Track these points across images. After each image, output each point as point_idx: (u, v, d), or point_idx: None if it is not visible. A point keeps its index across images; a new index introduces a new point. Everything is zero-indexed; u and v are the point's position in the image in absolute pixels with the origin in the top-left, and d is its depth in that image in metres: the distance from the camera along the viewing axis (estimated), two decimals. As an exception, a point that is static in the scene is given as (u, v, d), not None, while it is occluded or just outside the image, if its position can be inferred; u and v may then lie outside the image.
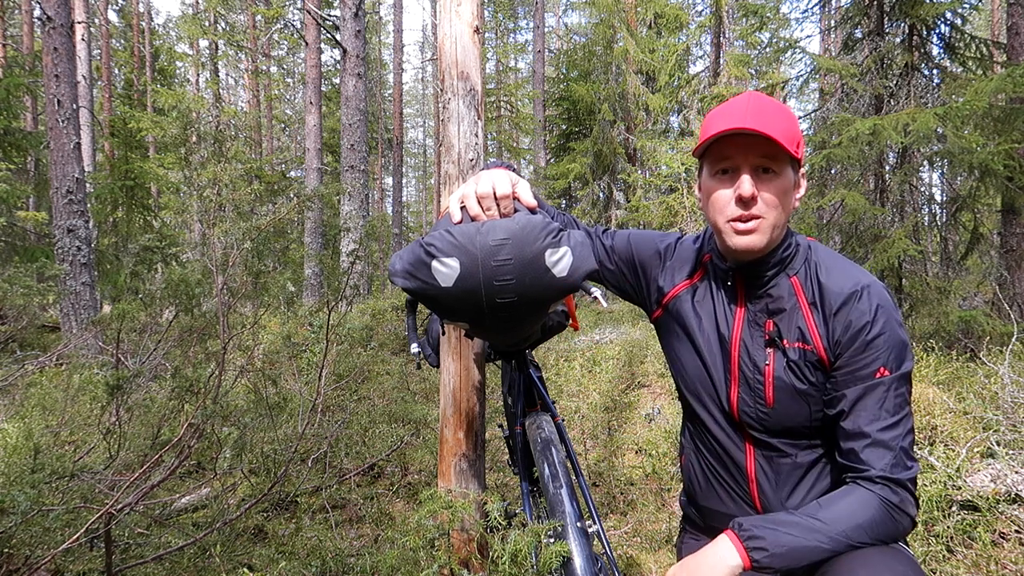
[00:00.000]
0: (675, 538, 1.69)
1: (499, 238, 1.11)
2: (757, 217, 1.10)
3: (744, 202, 1.09)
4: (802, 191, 1.18)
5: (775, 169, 1.10)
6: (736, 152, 1.10)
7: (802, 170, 1.17)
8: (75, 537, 1.77)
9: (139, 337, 4.08)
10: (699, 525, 1.35)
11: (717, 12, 10.12)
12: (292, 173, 17.20)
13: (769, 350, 1.15)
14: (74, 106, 6.77)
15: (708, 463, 1.27)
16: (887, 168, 5.91)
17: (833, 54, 9.55)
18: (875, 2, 6.02)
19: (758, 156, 1.09)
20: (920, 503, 1.05)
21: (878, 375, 1.06)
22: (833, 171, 6.02)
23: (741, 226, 1.11)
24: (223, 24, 20.51)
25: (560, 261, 1.15)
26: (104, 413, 2.86)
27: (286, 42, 22.91)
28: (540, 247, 1.13)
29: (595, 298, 1.21)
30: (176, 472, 2.38)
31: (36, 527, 1.83)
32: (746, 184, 1.08)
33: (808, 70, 6.87)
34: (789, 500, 1.16)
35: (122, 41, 21.67)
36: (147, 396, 3.13)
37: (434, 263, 1.11)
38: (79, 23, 12.07)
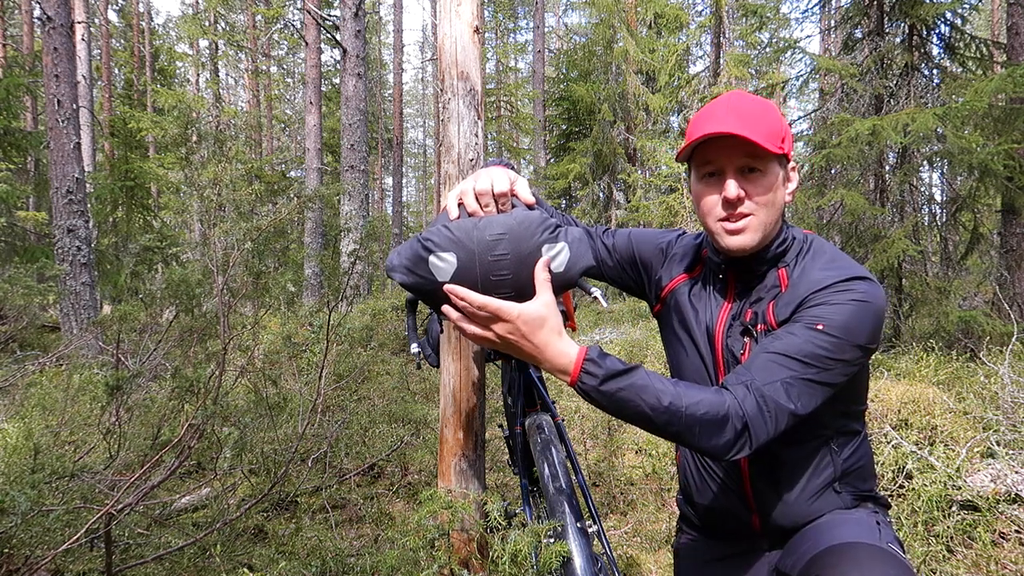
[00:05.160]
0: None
1: (496, 233, 1.11)
2: (746, 216, 1.11)
3: (731, 203, 1.11)
4: (793, 185, 1.17)
5: (760, 168, 1.10)
6: (719, 155, 1.11)
7: (792, 164, 1.16)
8: (75, 537, 1.77)
9: (139, 337, 4.08)
10: (695, 524, 1.35)
11: (717, 12, 10.12)
12: (292, 173, 17.20)
13: (746, 339, 1.15)
14: (74, 106, 6.76)
15: (702, 460, 1.27)
16: (887, 168, 5.91)
17: (833, 54, 9.54)
18: (875, 2, 6.02)
19: (741, 157, 1.09)
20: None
21: (816, 327, 1.03)
22: (833, 171, 6.03)
23: (731, 226, 1.12)
24: (223, 24, 20.51)
25: (557, 256, 1.15)
26: (104, 413, 2.86)
27: (286, 42, 22.91)
28: (537, 242, 1.13)
29: (595, 298, 1.21)
30: (176, 472, 2.38)
31: (36, 527, 1.83)
32: (731, 187, 1.09)
33: (808, 70, 6.87)
34: (785, 496, 1.16)
35: (122, 41, 21.67)
36: (147, 396, 3.13)
37: (431, 258, 1.11)
38: (79, 23, 12.06)
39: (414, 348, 1.36)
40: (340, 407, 4.20)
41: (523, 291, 1.13)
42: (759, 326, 1.13)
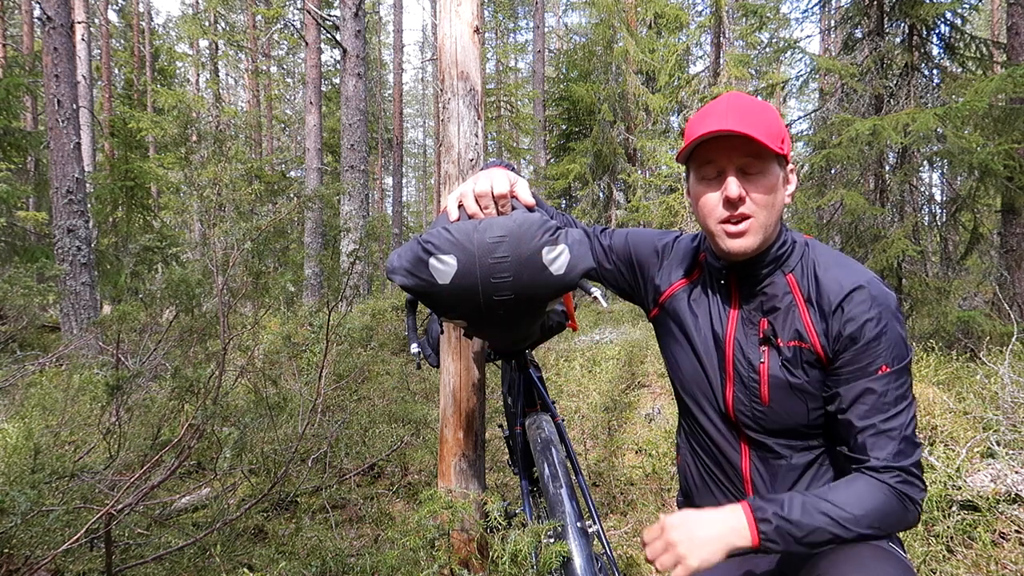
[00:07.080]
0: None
1: (496, 235, 1.11)
2: (747, 217, 1.10)
3: (732, 203, 1.09)
4: (792, 186, 1.16)
5: (761, 167, 1.09)
6: (720, 155, 1.09)
7: (790, 165, 1.16)
8: (75, 537, 1.77)
9: (139, 337, 4.08)
10: (697, 525, 1.35)
11: (717, 12, 10.11)
12: (292, 173, 17.19)
13: (764, 348, 1.14)
14: (74, 106, 6.76)
15: (703, 463, 1.27)
16: (887, 168, 5.91)
17: (833, 54, 9.55)
18: (875, 2, 6.02)
19: (742, 156, 1.08)
20: (925, 491, 1.10)
21: (880, 372, 1.06)
22: (833, 171, 6.02)
23: (732, 228, 1.10)
24: (223, 24, 20.52)
25: (557, 259, 1.15)
26: (104, 413, 2.87)
27: (286, 42, 22.91)
28: (537, 244, 1.12)
29: (595, 298, 1.20)
30: (176, 472, 2.38)
31: (36, 527, 1.83)
32: (732, 186, 1.08)
33: (808, 70, 6.86)
34: None
35: (122, 41, 21.68)
36: (147, 396, 3.14)
37: (431, 260, 1.11)
38: (79, 23, 12.06)
39: (414, 348, 1.36)
40: (340, 407, 4.20)
41: (523, 293, 1.13)
42: (792, 342, 1.13)
